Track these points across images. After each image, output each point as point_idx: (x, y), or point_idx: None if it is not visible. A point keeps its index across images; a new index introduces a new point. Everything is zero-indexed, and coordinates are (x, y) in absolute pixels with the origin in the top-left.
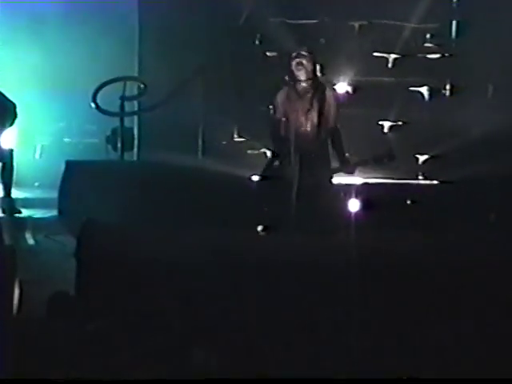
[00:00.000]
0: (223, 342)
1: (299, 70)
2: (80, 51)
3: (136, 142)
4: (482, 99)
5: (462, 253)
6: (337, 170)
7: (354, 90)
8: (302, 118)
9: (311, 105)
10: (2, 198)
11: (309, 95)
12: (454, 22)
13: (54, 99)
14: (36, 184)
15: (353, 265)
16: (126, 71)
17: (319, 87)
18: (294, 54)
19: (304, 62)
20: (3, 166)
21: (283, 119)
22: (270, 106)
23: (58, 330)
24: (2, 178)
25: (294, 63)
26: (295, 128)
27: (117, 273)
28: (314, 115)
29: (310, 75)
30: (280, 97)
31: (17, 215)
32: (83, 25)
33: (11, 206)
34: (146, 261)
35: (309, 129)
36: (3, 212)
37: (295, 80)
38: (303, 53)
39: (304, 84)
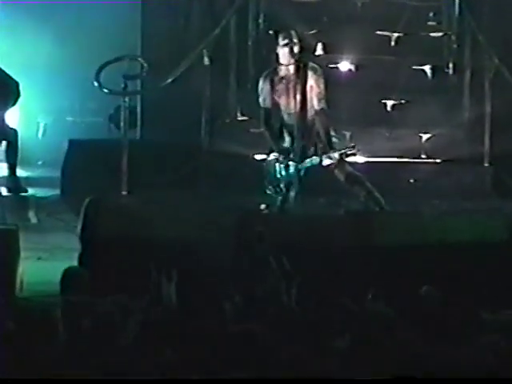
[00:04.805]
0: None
1: (287, 57)
2: (83, 29)
3: (139, 120)
4: (485, 77)
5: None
6: (338, 149)
7: (357, 68)
8: (292, 101)
9: (297, 86)
10: (8, 176)
11: (293, 76)
12: (457, 0)
13: (56, 78)
14: (39, 163)
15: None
16: (128, 49)
17: (303, 67)
18: (283, 42)
19: (294, 48)
20: (8, 145)
21: (272, 106)
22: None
23: (61, 309)
24: (7, 157)
25: (283, 50)
26: (287, 112)
27: (120, 251)
28: (301, 96)
29: (297, 58)
30: (264, 85)
31: (22, 194)
32: (85, 1)
33: (17, 184)
34: (149, 239)
35: (300, 110)
36: (9, 191)
37: (280, 64)
38: (294, 40)
39: (289, 67)
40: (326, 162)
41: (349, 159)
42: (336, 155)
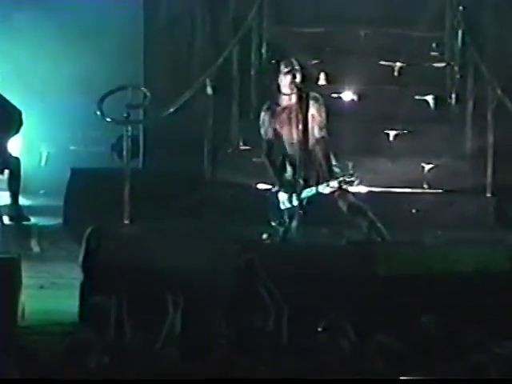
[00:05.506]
0: None
1: (289, 85)
2: (85, 59)
3: (141, 149)
4: (487, 108)
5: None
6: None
7: (360, 98)
8: (294, 131)
9: (299, 115)
10: (10, 205)
11: (295, 106)
12: (460, 31)
13: (59, 107)
14: (41, 191)
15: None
16: (131, 79)
17: (305, 97)
18: (285, 70)
19: (296, 77)
20: (10, 174)
21: (274, 137)
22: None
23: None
24: (10, 186)
25: (285, 78)
26: (289, 142)
27: (122, 280)
28: (303, 125)
29: (298, 87)
30: (265, 116)
31: (25, 223)
32: (88, 31)
33: (20, 213)
34: (151, 268)
35: (301, 140)
36: (11, 220)
37: (282, 93)
38: (296, 68)
39: (291, 96)
40: (326, 190)
41: (351, 189)
42: (335, 183)
